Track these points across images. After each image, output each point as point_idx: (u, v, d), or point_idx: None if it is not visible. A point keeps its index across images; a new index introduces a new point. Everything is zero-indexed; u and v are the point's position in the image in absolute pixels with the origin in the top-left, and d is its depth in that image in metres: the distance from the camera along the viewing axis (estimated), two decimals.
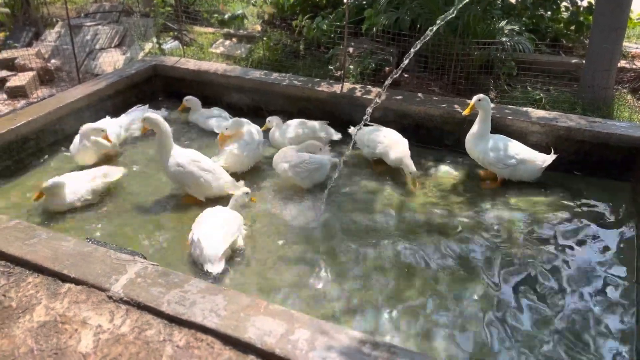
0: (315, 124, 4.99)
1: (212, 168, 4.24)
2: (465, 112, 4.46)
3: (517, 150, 4.39)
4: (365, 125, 4.79)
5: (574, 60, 6.20)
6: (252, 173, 4.68)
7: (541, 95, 5.53)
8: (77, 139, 4.65)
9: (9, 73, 6.90)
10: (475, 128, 4.46)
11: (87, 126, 4.62)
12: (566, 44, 6.83)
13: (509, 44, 5.60)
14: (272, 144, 4.96)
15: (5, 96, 6.43)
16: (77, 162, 4.67)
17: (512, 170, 4.38)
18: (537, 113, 4.88)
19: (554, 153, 4.40)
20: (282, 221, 4.05)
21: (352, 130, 4.89)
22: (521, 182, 4.48)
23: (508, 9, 6.30)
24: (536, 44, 6.14)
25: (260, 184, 4.54)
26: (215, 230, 3.51)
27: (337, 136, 5.03)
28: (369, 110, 4.18)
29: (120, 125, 5.07)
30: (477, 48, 5.65)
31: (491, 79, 5.90)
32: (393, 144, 4.59)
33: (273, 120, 4.96)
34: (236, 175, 4.50)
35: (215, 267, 3.37)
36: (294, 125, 4.93)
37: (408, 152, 4.53)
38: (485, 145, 4.41)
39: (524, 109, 4.99)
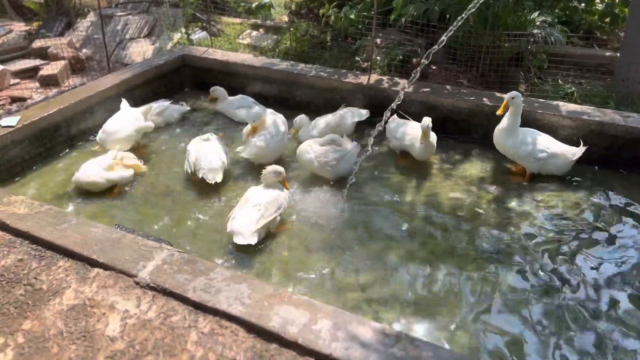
0: (339, 113, 4.98)
1: (199, 153, 4.34)
2: (499, 111, 4.37)
3: (548, 143, 4.31)
4: (400, 117, 4.80)
5: (607, 53, 6.05)
6: (277, 164, 4.68)
7: (573, 88, 5.41)
8: (118, 121, 4.71)
9: (42, 62, 7.06)
10: (504, 122, 4.39)
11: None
12: (600, 36, 6.66)
13: (540, 35, 5.48)
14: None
15: (38, 84, 6.58)
16: (109, 145, 4.60)
17: (543, 164, 4.31)
18: (568, 107, 4.77)
19: (583, 146, 4.31)
20: (306, 211, 4.06)
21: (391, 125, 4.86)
22: (550, 177, 4.40)
23: (541, 0, 6.17)
24: (569, 36, 6.00)
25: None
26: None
27: (365, 114, 5.02)
28: (399, 97, 4.16)
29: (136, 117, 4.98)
30: (507, 40, 5.54)
31: (521, 72, 5.79)
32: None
33: (302, 122, 4.98)
34: (261, 167, 4.53)
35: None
36: (320, 126, 4.93)
37: (434, 146, 4.52)
38: (515, 139, 4.34)
39: (555, 102, 4.89)
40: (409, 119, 4.83)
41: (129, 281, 2.64)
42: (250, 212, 3.63)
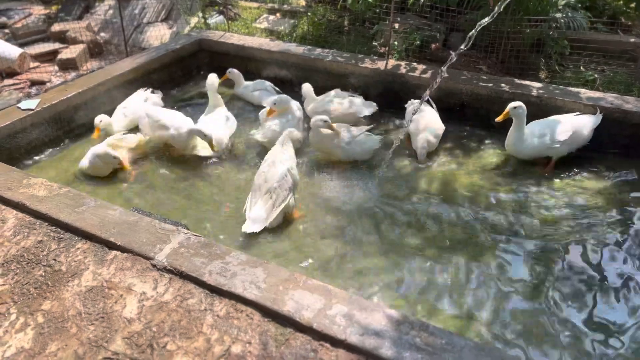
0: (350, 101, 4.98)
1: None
2: (499, 119, 4.30)
3: (564, 123, 4.26)
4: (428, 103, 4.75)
5: (632, 39, 5.90)
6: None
7: (595, 75, 5.29)
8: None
9: (61, 45, 7.10)
10: (513, 134, 4.32)
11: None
12: (625, 22, 6.49)
13: (562, 20, 5.35)
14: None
15: (57, 68, 6.64)
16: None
17: (570, 143, 4.25)
18: (590, 94, 4.68)
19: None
20: (323, 197, 4.05)
21: (409, 108, 4.82)
22: (570, 165, 4.33)
23: None
24: (592, 21, 5.86)
25: (300, 160, 4.54)
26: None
27: (367, 111, 4.98)
28: (432, 86, 4.15)
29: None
30: (528, 25, 5.43)
31: (542, 58, 5.68)
32: (423, 128, 4.52)
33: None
34: None
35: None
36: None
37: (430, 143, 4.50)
38: (530, 139, 4.26)
39: (576, 89, 4.79)
40: (433, 106, 4.78)
41: (146, 264, 2.66)
42: (263, 201, 3.66)
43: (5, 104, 5.47)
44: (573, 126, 4.26)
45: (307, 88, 5.12)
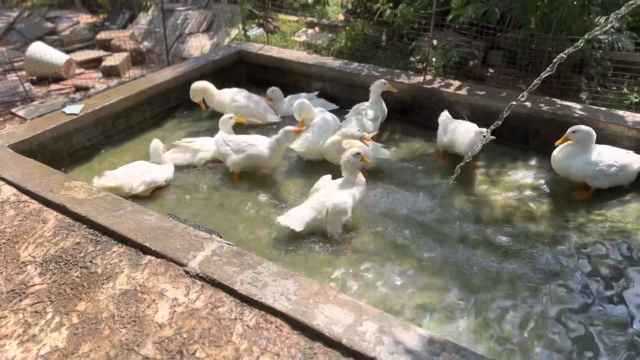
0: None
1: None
2: (558, 143, 4.19)
3: (614, 157, 4.11)
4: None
5: None
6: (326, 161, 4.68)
7: None
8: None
9: (105, 53, 7.32)
10: (567, 150, 4.18)
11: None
12: None
13: (606, 41, 5.24)
14: None
15: (100, 74, 6.83)
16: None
17: (613, 179, 4.12)
18: (634, 117, 4.54)
19: None
20: (360, 210, 4.02)
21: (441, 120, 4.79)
22: (611, 190, 4.21)
23: (609, 4, 5.88)
24: (637, 43, 5.72)
25: (335, 172, 4.54)
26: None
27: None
28: (512, 104, 4.10)
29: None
30: (570, 45, 5.32)
31: (584, 79, 5.56)
32: (462, 134, 4.49)
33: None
34: (312, 164, 4.56)
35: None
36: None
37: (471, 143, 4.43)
38: (581, 162, 4.11)
39: (620, 112, 4.67)
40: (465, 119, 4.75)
41: (179, 270, 2.69)
42: (311, 208, 3.71)
43: (51, 108, 5.65)
44: (623, 163, 4.11)
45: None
